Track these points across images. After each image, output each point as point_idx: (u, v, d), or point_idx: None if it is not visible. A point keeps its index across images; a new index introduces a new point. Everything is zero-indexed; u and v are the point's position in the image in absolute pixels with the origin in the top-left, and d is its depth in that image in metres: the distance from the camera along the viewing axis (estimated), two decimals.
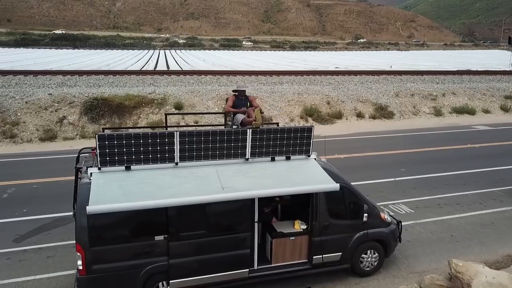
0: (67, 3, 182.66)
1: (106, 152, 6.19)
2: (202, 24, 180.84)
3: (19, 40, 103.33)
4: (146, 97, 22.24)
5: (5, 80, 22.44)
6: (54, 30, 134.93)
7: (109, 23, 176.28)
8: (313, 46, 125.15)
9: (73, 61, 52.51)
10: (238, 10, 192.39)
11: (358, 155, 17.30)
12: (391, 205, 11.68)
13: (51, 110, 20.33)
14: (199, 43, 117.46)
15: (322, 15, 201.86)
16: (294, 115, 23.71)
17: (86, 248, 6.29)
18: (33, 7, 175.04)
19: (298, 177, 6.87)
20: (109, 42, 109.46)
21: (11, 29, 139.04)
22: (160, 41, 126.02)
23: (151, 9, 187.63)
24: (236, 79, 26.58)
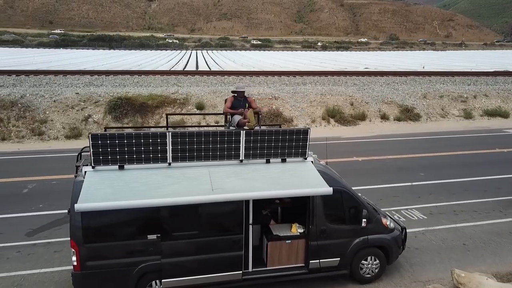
0: (105, 5, 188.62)
1: (99, 151, 6.33)
2: (235, 25, 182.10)
3: (59, 41, 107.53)
4: (169, 97, 22.61)
5: (36, 80, 23.42)
6: (92, 32, 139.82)
7: (144, 24, 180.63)
8: (345, 46, 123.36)
9: (106, 61, 54.07)
10: (271, 10, 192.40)
11: (377, 158, 16.89)
12: (403, 211, 11.34)
13: (77, 109, 21.03)
14: (230, 44, 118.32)
15: (356, 15, 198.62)
16: (316, 116, 23.44)
17: (80, 245, 6.46)
18: (73, 9, 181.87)
19: (291, 180, 6.77)
20: (144, 42, 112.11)
21: (52, 30, 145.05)
22: (193, 41, 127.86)
23: (185, 10, 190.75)
24: (259, 80, 26.58)
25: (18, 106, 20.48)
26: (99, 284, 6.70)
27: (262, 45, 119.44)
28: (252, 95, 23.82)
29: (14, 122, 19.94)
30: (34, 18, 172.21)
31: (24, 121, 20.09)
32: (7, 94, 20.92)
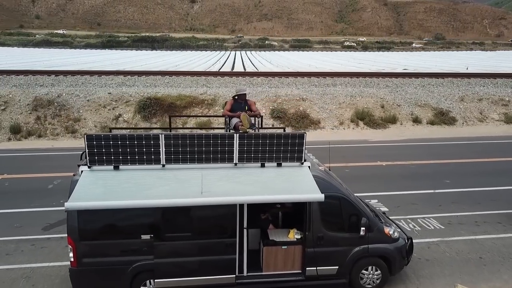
0: (150, 7, 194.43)
1: (95, 152, 6.51)
2: (275, 25, 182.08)
3: (105, 42, 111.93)
4: (197, 97, 22.95)
5: (73, 80, 24.48)
6: (137, 33, 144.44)
7: (187, 25, 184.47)
8: (387, 46, 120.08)
9: (146, 62, 55.58)
10: (312, 10, 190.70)
11: (403, 163, 16.31)
12: (420, 219, 10.88)
13: (109, 108, 21.80)
14: (269, 44, 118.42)
15: (400, 14, 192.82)
16: (344, 118, 22.99)
17: (76, 242, 6.67)
18: (120, 11, 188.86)
19: (284, 185, 6.66)
20: (184, 43, 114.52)
21: (100, 32, 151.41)
22: (232, 42, 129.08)
23: (226, 11, 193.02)
24: (287, 81, 26.38)
25: (55, 105, 21.52)
26: (94, 281, 6.89)
27: (301, 45, 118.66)
28: (279, 96, 23.74)
29: (50, 120, 20.97)
30: (83, 20, 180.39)
31: (59, 119, 21.09)
32: (45, 94, 22.02)
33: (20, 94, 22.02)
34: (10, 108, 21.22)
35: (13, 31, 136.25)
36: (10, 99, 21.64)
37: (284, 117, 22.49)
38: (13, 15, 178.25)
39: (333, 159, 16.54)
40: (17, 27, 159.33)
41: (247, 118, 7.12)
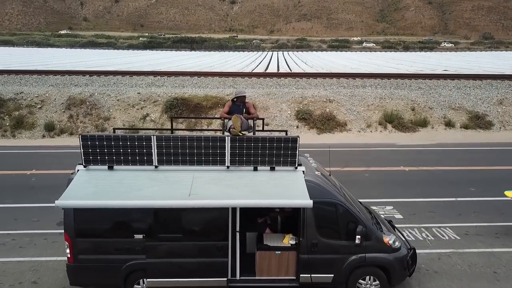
0: (191, 8, 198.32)
1: (89, 152, 6.69)
2: (314, 25, 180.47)
3: (146, 43, 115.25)
4: (223, 98, 23.10)
5: (106, 80, 25.38)
6: (177, 34, 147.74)
7: (226, 26, 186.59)
8: (430, 46, 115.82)
9: (183, 62, 56.69)
10: (352, 10, 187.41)
11: (428, 168, 15.68)
12: (434, 228, 10.39)
13: (137, 108, 22.40)
14: (307, 45, 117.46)
15: (445, 13, 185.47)
16: (372, 121, 22.39)
17: (72, 239, 6.89)
18: (162, 13, 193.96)
19: (273, 190, 6.55)
20: (222, 44, 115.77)
21: (142, 33, 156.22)
22: (270, 42, 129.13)
23: (265, 11, 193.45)
24: (315, 82, 26.05)
25: (87, 104, 22.37)
26: (90, 277, 7.09)
27: (339, 45, 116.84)
28: (306, 97, 23.47)
29: (82, 119, 21.83)
30: (127, 22, 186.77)
31: (90, 118, 21.90)
32: (79, 93, 22.95)
33: (56, 93, 23.06)
34: (46, 106, 22.28)
35: (62, 33, 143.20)
36: (47, 98, 22.72)
37: (309, 119, 22.22)
38: (63, 17, 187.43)
39: (353, 163, 16.32)
40: (66, 29, 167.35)
41: (240, 120, 7.06)
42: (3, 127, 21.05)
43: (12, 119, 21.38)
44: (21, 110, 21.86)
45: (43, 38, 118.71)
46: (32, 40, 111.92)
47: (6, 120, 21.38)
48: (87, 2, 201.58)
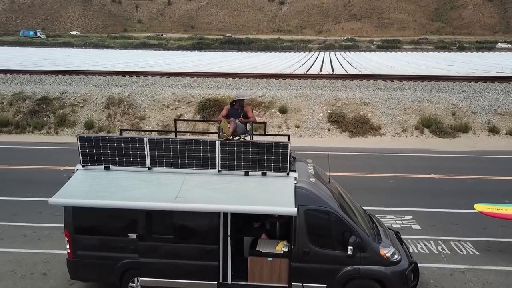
0: (240, 9, 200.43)
1: (87, 152, 6.95)
2: (364, 25, 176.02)
3: (195, 44, 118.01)
4: (255, 99, 23.15)
5: (144, 81, 26.27)
6: (226, 35, 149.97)
7: (274, 27, 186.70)
8: (489, 46, 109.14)
9: (226, 63, 57.43)
10: (405, 9, 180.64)
11: (460, 177, 14.84)
12: (453, 242, 9.79)
13: (172, 108, 22.99)
14: (355, 45, 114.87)
15: (508, 11, 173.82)
16: (408, 125, 21.51)
17: (72, 235, 7.20)
18: (212, 14, 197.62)
19: (260, 196, 6.47)
20: (269, 45, 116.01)
21: (192, 34, 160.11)
22: (318, 43, 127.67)
23: (314, 12, 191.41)
24: (351, 84, 25.39)
25: (124, 103, 23.30)
26: (88, 272, 7.38)
27: (389, 46, 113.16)
28: (340, 99, 22.98)
29: (119, 118, 22.75)
30: (179, 24, 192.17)
31: (127, 117, 22.78)
32: (118, 93, 23.95)
33: (97, 93, 24.22)
34: (88, 105, 23.45)
35: (117, 35, 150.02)
36: (89, 97, 23.91)
37: (341, 122, 21.74)
38: (119, 20, 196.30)
39: (380, 169, 15.76)
40: (121, 31, 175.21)
41: (233, 124, 7.04)
42: (47, 124, 22.41)
43: (57, 117, 22.71)
44: (65, 109, 23.16)
45: (99, 39, 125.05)
46: (89, 42, 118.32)
47: (51, 118, 22.74)
48: (141, 5, 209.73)
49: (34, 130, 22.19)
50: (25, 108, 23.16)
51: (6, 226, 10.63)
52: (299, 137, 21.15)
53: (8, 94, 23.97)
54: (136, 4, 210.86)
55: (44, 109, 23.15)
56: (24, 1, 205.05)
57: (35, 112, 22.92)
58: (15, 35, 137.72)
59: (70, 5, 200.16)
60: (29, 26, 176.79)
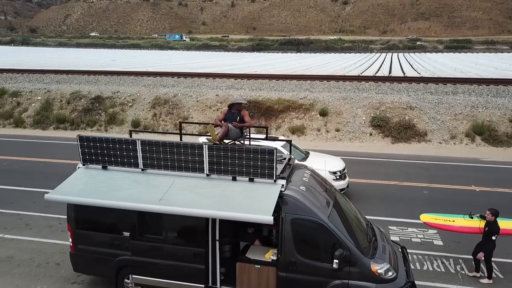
0: (302, 10, 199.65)
1: (86, 152, 7.29)
2: (432, 24, 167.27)
3: (255, 45, 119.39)
4: (296, 101, 22.94)
5: (191, 82, 27.03)
6: (287, 36, 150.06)
7: (336, 27, 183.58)
8: None
9: (282, 64, 57.40)
10: (478, 6, 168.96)
11: (504, 190, 13.66)
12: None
13: (214, 109, 23.43)
14: (420, 46, 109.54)
15: None
16: (458, 132, 20.10)
17: (73, 230, 7.60)
18: (274, 15, 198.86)
19: (241, 202, 6.38)
20: (329, 46, 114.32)
21: (254, 35, 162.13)
22: (380, 44, 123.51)
23: (378, 11, 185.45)
24: (399, 87, 24.21)
25: (169, 103, 24.13)
26: (87, 266, 7.76)
27: (458, 46, 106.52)
28: (384, 103, 22.03)
29: (164, 117, 23.61)
30: (241, 25, 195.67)
31: (171, 117, 23.57)
32: (164, 93, 24.87)
33: (146, 93, 25.33)
34: (136, 105, 24.60)
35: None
36: (137, 97, 25.08)
37: (385, 126, 20.84)
38: (184, 22, 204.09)
39: (416, 177, 14.89)
40: (186, 32, 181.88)
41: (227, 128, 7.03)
42: (99, 122, 23.84)
43: (107, 115, 24.08)
44: (115, 108, 24.49)
45: (164, 41, 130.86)
46: (155, 43, 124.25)
47: (102, 116, 24.16)
48: (206, 7, 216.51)
49: (87, 127, 23.69)
50: (80, 106, 24.82)
51: (38, 216, 11.44)
52: (338, 141, 20.61)
53: (67, 93, 25.83)
54: (201, 6, 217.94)
55: (96, 107, 24.65)
56: (100, 6, 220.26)
57: (89, 110, 24.48)
58: (90, 37, 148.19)
59: (140, 9, 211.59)
60: (103, 29, 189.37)
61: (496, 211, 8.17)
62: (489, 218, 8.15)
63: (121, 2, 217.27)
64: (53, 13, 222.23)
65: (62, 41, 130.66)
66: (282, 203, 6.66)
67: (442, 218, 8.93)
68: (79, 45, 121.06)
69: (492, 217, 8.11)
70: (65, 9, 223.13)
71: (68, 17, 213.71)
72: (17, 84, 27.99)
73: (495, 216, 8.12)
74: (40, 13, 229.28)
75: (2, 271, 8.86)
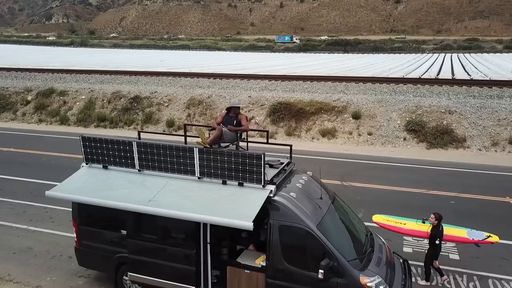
0: (352, 10, 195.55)
1: (88, 151, 7.59)
2: (492, 23, 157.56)
3: (301, 46, 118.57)
4: (328, 104, 22.52)
5: (226, 83, 27.34)
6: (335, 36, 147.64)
7: (387, 27, 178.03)
8: None
9: (324, 65, 56.59)
10: None
11: None
12: (492, 280, 8.43)
13: (245, 110, 23.47)
14: (477, 46, 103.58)
15: None
16: (500, 139, 18.86)
17: (77, 225, 7.94)
18: (323, 16, 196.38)
19: (226, 206, 6.36)
20: (378, 46, 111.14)
21: (301, 36, 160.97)
22: (433, 44, 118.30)
23: (433, 10, 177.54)
24: (439, 90, 23.04)
25: (203, 104, 24.55)
26: (90, 261, 8.09)
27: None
28: (421, 106, 21.10)
29: (197, 118, 24.06)
30: (289, 26, 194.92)
31: (204, 118, 23.96)
32: (199, 94, 25.33)
33: (182, 93, 25.93)
34: (172, 105, 25.26)
35: (229, 37, 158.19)
36: (174, 97, 25.74)
37: (420, 131, 19.95)
38: (233, 23, 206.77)
39: (446, 186, 14.11)
40: (234, 33, 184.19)
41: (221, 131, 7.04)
42: (136, 121, 24.72)
43: (144, 114, 24.91)
44: (152, 107, 25.27)
45: (213, 42, 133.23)
46: (204, 44, 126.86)
47: (139, 115, 25.03)
48: (255, 8, 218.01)
49: (125, 126, 24.66)
50: (120, 105, 25.87)
51: (61, 210, 12.02)
52: (370, 145, 19.99)
53: (108, 93, 27.02)
54: (250, 7, 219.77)
55: (135, 107, 25.58)
56: (153, 9, 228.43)
57: (127, 109, 25.45)
58: (142, 39, 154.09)
59: (191, 11, 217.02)
60: (155, 31, 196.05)
61: (440, 215, 8.15)
62: (432, 222, 8.17)
63: (174, 4, 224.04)
64: (110, 15, 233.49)
65: (116, 43, 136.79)
66: (270, 208, 6.57)
67: (394, 220, 9.04)
68: (132, 46, 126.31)
69: (435, 221, 8.12)
70: (121, 11, 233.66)
71: (124, 19, 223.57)
72: (65, 84, 29.68)
73: (438, 220, 8.12)
74: (99, 16, 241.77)
75: (20, 260, 9.44)
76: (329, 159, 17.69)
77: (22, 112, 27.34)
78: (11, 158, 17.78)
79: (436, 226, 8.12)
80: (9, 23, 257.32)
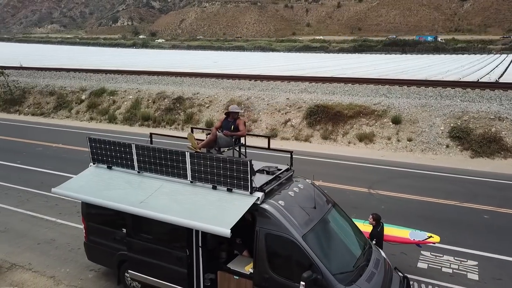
0: (413, 8, 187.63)
1: (94, 152, 7.94)
2: None
3: (357, 46, 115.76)
4: (368, 107, 21.82)
5: (266, 85, 27.36)
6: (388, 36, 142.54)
7: (451, 26, 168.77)
8: None
9: (376, 67, 54.82)
10: None
11: None
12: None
13: (282, 113, 23.43)
14: None
15: None
16: None
17: (86, 221, 8.35)
18: (382, 15, 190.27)
19: (210, 212, 6.36)
20: (439, 46, 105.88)
21: (357, 36, 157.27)
22: (502, 44, 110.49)
23: (504, 7, 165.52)
24: (490, 94, 21.41)
25: (241, 106, 24.73)
26: (97, 256, 8.47)
27: None
28: (468, 112, 19.81)
29: None
30: (346, 26, 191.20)
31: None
32: (239, 96, 25.56)
33: (223, 95, 26.36)
34: (212, 106, 25.75)
35: (284, 38, 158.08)
36: (214, 99, 26.22)
37: (465, 138, 18.74)
38: (289, 24, 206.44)
39: (483, 199, 13.26)
40: (290, 34, 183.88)
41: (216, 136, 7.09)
42: (177, 121, 25.49)
43: (185, 115, 25.61)
44: (193, 108, 25.93)
45: (267, 43, 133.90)
46: (258, 45, 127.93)
47: (181, 116, 25.77)
48: (312, 8, 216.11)
49: (167, 125, 25.51)
50: (163, 105, 26.80)
51: None
52: (409, 152, 19.08)
53: (153, 93, 28.10)
54: (306, 8, 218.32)
55: (177, 107, 26.37)
56: (211, 10, 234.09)
57: (170, 109, 26.31)
58: (199, 40, 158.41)
59: (248, 12, 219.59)
60: (213, 32, 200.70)
61: (378, 216, 8.17)
62: (371, 222, 8.20)
63: (231, 6, 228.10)
64: (170, 18, 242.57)
65: (175, 44, 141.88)
66: (257, 216, 6.50)
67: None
68: (189, 47, 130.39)
69: (373, 221, 8.15)
70: (181, 14, 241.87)
71: (183, 21, 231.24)
72: (115, 84, 31.29)
73: (376, 220, 8.12)
74: (160, 18, 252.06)
75: (42, 250, 10.09)
76: (362, 164, 17.14)
77: (76, 110, 29.20)
78: (56, 153, 19.05)
79: (375, 226, 8.10)
80: (80, 26, 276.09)
